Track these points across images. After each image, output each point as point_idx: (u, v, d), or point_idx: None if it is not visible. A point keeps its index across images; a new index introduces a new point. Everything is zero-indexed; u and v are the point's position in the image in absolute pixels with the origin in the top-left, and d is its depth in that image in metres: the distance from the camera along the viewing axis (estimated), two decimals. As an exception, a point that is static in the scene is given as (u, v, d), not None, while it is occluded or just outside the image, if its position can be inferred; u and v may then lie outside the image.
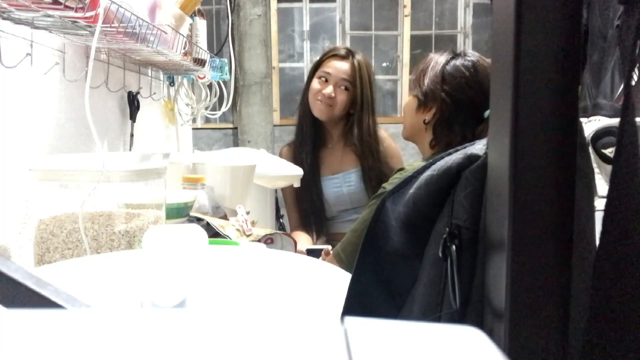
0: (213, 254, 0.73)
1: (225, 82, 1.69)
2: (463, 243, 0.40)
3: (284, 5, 4.80)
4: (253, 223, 1.14)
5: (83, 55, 1.12)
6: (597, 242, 0.32)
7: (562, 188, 0.32)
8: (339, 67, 1.67)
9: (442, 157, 0.44)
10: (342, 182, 1.73)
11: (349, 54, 1.69)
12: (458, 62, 1.17)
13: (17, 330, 0.18)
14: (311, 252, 1.28)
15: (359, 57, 1.70)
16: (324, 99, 1.66)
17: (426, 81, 1.19)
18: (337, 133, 1.75)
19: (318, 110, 1.68)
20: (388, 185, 1.15)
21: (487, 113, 1.13)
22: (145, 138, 1.51)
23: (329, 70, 1.67)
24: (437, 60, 1.20)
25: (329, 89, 1.66)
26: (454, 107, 1.15)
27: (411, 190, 0.45)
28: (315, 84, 1.69)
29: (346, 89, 1.68)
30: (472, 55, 1.19)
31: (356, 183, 1.71)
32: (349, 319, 0.20)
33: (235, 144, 4.64)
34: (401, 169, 1.19)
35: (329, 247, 1.34)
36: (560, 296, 0.32)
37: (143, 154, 0.83)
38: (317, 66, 1.72)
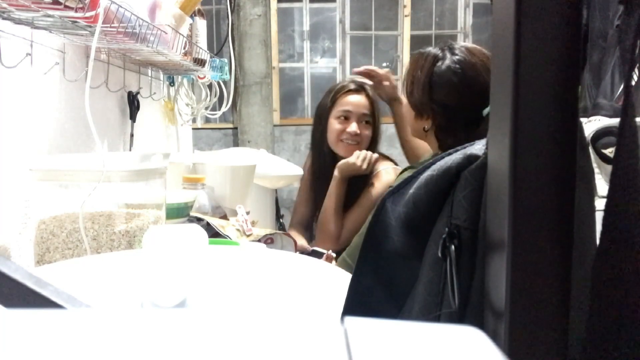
0: (213, 254, 0.73)
1: (225, 82, 1.69)
2: (462, 243, 0.40)
3: (284, 5, 4.80)
4: (253, 223, 1.13)
5: (83, 55, 1.12)
6: (597, 242, 0.32)
7: (562, 188, 0.32)
8: (358, 102, 1.59)
9: (442, 157, 0.44)
10: None
11: (360, 88, 1.61)
12: (444, 64, 1.12)
13: (17, 330, 0.18)
14: (314, 253, 1.28)
15: (368, 88, 1.61)
16: (350, 138, 1.58)
17: (415, 92, 1.16)
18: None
19: (344, 150, 1.59)
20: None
21: (486, 111, 1.09)
22: (145, 138, 1.51)
23: (348, 108, 1.59)
24: (423, 65, 1.15)
25: (352, 127, 1.58)
26: (449, 114, 1.12)
27: (411, 191, 0.45)
28: (335, 124, 1.60)
29: (367, 122, 1.61)
30: (460, 52, 1.13)
31: None
32: (349, 319, 0.20)
33: (235, 144, 4.64)
34: (409, 167, 1.18)
35: (332, 252, 1.34)
36: (560, 296, 0.32)
37: (143, 154, 0.83)
38: (330, 106, 1.61)
